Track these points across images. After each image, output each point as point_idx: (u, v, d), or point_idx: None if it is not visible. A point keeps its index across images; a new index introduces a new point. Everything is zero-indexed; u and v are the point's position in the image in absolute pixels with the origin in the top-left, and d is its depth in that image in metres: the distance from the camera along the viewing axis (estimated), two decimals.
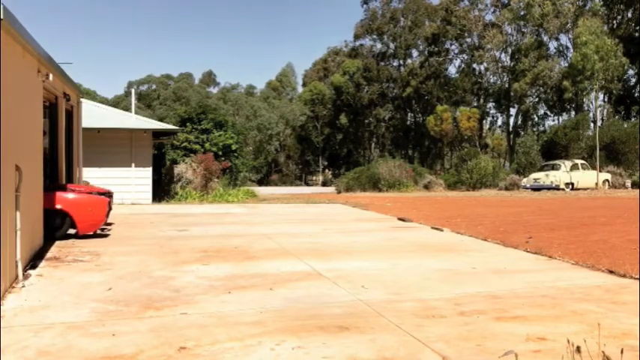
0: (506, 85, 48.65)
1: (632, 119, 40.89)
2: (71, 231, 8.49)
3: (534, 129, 50.94)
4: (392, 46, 57.23)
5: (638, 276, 5.61)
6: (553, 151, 33.18)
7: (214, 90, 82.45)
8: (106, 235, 9.01)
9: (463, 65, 53.00)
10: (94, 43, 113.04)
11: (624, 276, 5.72)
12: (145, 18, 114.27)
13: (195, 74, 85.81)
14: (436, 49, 52.84)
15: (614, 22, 43.63)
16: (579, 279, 5.68)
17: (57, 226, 8.23)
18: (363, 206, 16.01)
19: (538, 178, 27.81)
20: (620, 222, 10.37)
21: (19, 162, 5.51)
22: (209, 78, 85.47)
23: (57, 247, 7.59)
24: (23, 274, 5.61)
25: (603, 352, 2.52)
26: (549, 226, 10.00)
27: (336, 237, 9.13)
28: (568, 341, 2.73)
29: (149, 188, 18.84)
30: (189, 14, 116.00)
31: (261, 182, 52.00)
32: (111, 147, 18.29)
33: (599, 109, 40.88)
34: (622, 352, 2.58)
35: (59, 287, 5.28)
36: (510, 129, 50.09)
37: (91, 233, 8.65)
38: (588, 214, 12.29)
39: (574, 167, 27.55)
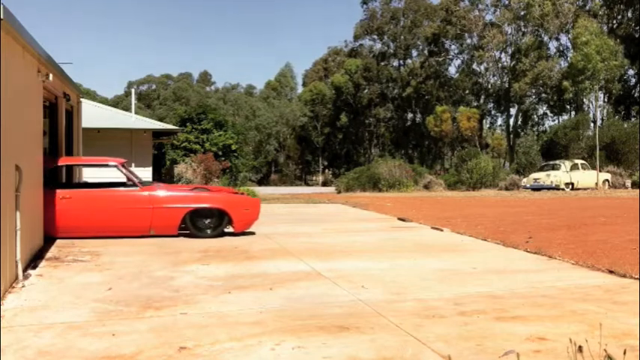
0: (506, 85, 48.65)
1: (632, 119, 40.89)
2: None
3: (534, 129, 50.95)
4: (392, 46, 57.25)
5: (638, 276, 5.60)
6: (553, 151, 33.19)
7: (210, 89, 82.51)
8: (253, 233, 9.31)
9: (463, 65, 53.00)
10: (94, 43, 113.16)
11: (624, 276, 5.72)
12: (145, 18, 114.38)
13: (195, 74, 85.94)
14: (436, 49, 52.84)
15: (614, 22, 43.64)
16: (579, 279, 5.68)
17: (216, 224, 8.93)
18: (363, 206, 16.01)
19: (538, 178, 27.80)
20: (620, 222, 10.36)
21: (19, 162, 5.51)
22: (205, 78, 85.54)
23: (57, 247, 7.59)
24: (23, 274, 5.61)
25: (605, 350, 2.52)
26: (549, 226, 9.99)
27: (336, 237, 9.13)
28: (570, 340, 2.73)
29: None
30: (189, 14, 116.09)
31: (261, 182, 52.04)
32: (111, 147, 18.29)
33: (599, 109, 40.89)
34: (625, 352, 2.58)
35: (59, 287, 5.28)
36: (510, 129, 50.08)
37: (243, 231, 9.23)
38: (588, 214, 12.29)
39: (574, 167, 27.54)
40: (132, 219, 8.57)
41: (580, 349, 2.46)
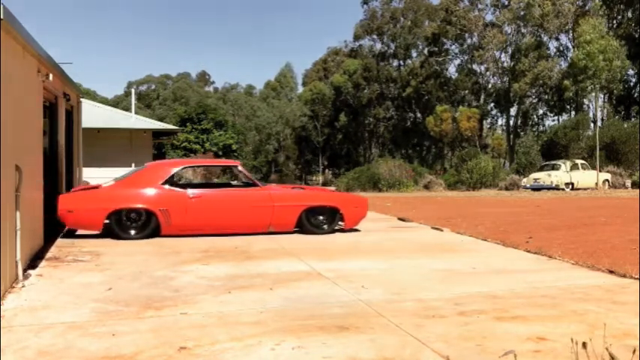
0: (507, 85, 48.64)
1: (632, 119, 40.88)
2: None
3: (534, 129, 50.94)
4: (392, 46, 57.21)
5: (638, 276, 5.60)
6: (553, 151, 33.18)
7: (209, 89, 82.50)
8: (357, 230, 9.66)
9: (463, 65, 52.99)
10: (93, 44, 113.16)
11: (624, 276, 5.71)
12: (145, 18, 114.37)
13: (194, 74, 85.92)
14: (436, 49, 52.82)
15: (614, 22, 43.63)
16: (579, 279, 5.68)
17: (329, 221, 9.35)
18: None
19: (538, 178, 27.79)
20: (620, 222, 10.36)
21: (19, 162, 5.50)
22: (203, 78, 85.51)
23: (57, 247, 7.59)
24: (23, 274, 5.61)
25: (607, 348, 2.52)
26: (549, 226, 9.99)
27: (336, 237, 9.12)
28: (572, 340, 2.73)
29: None
30: (188, 14, 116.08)
31: None
32: (111, 147, 18.30)
33: (599, 109, 40.88)
34: (634, 352, 2.58)
35: (59, 287, 5.28)
36: (510, 129, 50.08)
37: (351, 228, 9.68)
38: (588, 214, 12.28)
39: (574, 167, 27.53)
40: (255, 217, 9.01)
41: (584, 345, 2.46)
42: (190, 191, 8.91)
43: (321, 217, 9.31)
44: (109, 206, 8.45)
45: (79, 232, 8.92)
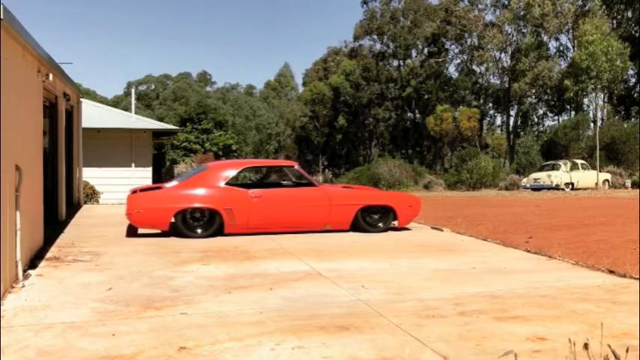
0: (506, 85, 48.63)
1: (632, 119, 40.88)
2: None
3: (534, 129, 50.93)
4: (392, 46, 57.16)
5: (638, 276, 5.60)
6: (553, 151, 33.19)
7: (209, 89, 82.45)
8: (409, 229, 9.87)
9: (463, 65, 52.98)
10: (93, 44, 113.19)
11: (624, 276, 5.72)
12: (145, 18, 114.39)
13: (194, 74, 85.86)
14: (436, 49, 52.81)
15: (614, 22, 43.63)
16: (579, 279, 5.68)
17: (384, 219, 9.52)
18: None
19: (538, 178, 27.77)
20: (620, 222, 10.36)
21: (19, 162, 5.50)
22: (204, 78, 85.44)
23: (57, 247, 7.58)
24: (23, 274, 5.61)
25: (609, 345, 2.52)
26: (549, 226, 9.99)
27: (335, 237, 9.11)
28: (570, 340, 2.73)
29: None
30: (188, 14, 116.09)
31: None
32: (111, 147, 18.27)
33: (599, 109, 40.86)
34: (627, 350, 2.58)
35: (59, 287, 5.28)
36: (510, 129, 50.07)
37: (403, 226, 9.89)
38: (588, 214, 12.27)
39: (574, 167, 27.52)
40: (312, 215, 9.20)
41: (586, 346, 2.46)
42: (252, 191, 9.08)
43: (375, 216, 9.48)
44: (175, 206, 8.64)
45: (141, 230, 8.95)
